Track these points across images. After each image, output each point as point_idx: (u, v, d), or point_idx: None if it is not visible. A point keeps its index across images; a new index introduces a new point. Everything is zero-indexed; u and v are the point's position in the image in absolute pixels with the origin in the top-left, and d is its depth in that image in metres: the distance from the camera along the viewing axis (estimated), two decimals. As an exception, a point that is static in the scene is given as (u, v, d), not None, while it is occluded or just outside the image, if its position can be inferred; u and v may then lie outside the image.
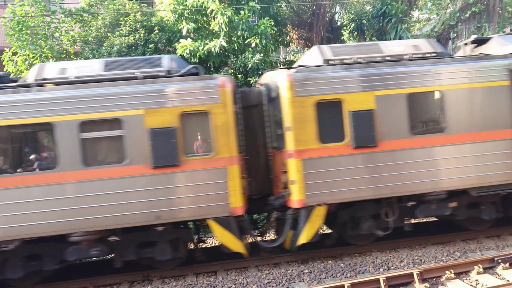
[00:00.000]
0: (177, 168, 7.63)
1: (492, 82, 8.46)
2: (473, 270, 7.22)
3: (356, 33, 16.47)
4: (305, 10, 16.01)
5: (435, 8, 18.43)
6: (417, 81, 8.28)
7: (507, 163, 8.44)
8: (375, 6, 15.82)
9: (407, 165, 8.17)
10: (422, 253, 8.47)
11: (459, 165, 8.33)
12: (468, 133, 8.38)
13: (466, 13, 16.71)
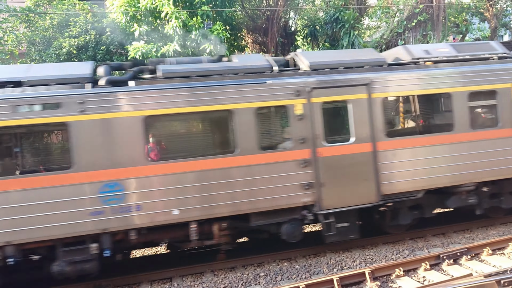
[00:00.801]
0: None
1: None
2: (420, 267, 7.54)
3: (310, 38, 16.82)
4: (259, 15, 16.17)
5: (384, 16, 19.16)
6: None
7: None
8: (328, 12, 16.25)
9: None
10: (374, 252, 8.74)
11: None
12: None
13: (412, 21, 17.51)
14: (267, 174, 7.96)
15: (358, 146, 8.48)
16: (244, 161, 7.86)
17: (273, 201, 8.01)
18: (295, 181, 8.12)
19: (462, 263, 7.69)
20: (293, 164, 8.13)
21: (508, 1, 22.95)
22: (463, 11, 21.60)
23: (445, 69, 9.13)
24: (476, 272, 7.20)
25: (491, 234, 9.26)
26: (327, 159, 8.27)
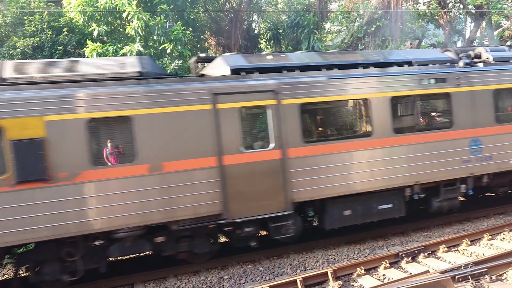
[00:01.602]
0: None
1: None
2: (381, 266, 7.73)
3: (272, 41, 16.96)
4: (223, 18, 16.15)
5: (344, 21, 19.59)
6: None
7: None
8: (290, 16, 16.45)
9: None
10: (336, 252, 8.89)
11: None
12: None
13: (372, 26, 17.99)
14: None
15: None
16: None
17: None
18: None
19: (419, 261, 7.94)
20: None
21: (460, 9, 24.05)
22: (419, 17, 22.45)
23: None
24: (432, 268, 7.44)
25: (446, 232, 9.63)
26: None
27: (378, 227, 9.91)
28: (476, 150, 9.71)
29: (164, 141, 7.57)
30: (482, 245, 8.53)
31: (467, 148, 9.64)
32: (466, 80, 9.68)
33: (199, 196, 7.73)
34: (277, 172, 8.18)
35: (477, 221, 10.32)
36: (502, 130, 9.97)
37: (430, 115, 10.23)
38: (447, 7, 23.29)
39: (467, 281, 6.53)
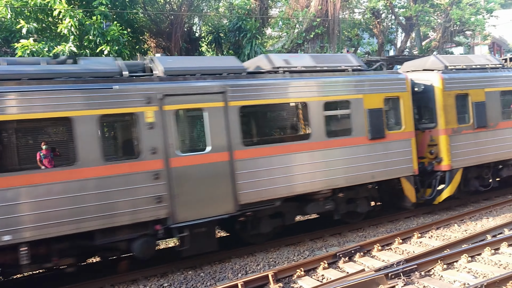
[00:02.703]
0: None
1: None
2: (319, 266, 7.91)
3: (214, 45, 16.90)
4: (163, 20, 15.84)
5: (285, 27, 19.99)
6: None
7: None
8: (231, 20, 16.49)
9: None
10: (277, 255, 8.99)
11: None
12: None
13: (311, 33, 18.50)
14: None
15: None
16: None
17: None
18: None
19: (356, 260, 8.23)
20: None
21: (392, 20, 25.45)
22: (355, 26, 23.48)
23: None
24: (368, 267, 7.74)
25: (380, 232, 10.07)
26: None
27: (317, 229, 10.16)
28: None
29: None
30: (412, 243, 9.01)
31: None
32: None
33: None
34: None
35: (407, 220, 10.90)
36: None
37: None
38: (380, 17, 24.56)
39: (399, 278, 6.87)
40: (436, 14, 25.83)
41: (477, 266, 7.27)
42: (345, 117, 9.82)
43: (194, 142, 8.78)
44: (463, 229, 9.65)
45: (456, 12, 23.92)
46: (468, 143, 11.25)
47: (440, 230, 9.64)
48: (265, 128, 9.75)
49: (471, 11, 25.66)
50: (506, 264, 7.28)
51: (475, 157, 11.40)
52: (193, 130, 8.93)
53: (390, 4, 23.73)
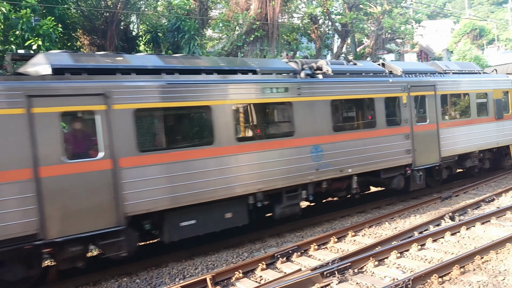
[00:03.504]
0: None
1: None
2: (258, 268, 7.96)
3: (152, 44, 16.50)
4: (97, 16, 15.20)
5: (225, 28, 19.98)
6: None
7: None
8: (170, 20, 16.19)
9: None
10: (215, 258, 8.92)
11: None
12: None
13: (250, 36, 18.65)
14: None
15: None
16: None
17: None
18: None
19: (293, 260, 8.37)
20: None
21: (329, 26, 26.32)
22: (294, 31, 24.00)
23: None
24: (304, 267, 7.90)
25: (317, 231, 10.34)
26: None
27: (256, 230, 10.22)
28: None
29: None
30: (347, 241, 9.34)
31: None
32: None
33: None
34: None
35: (343, 219, 11.28)
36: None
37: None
38: (318, 23, 25.29)
39: (334, 276, 7.08)
40: (369, 22, 27.11)
41: (405, 262, 7.68)
42: (484, 103, 14.45)
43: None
44: (393, 226, 10.16)
45: (387, 21, 25.25)
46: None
47: (373, 228, 10.07)
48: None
49: (401, 21, 27.22)
50: (430, 259, 7.76)
51: None
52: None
53: (327, 11, 24.53)
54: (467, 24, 59.89)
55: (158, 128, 8.65)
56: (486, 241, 8.36)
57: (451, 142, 12.83)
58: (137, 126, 7.83)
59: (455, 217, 10.32)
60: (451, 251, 8.07)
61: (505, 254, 7.55)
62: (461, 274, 6.80)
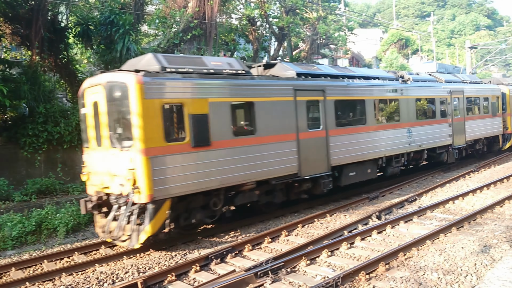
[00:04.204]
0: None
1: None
2: (191, 270, 7.82)
3: (82, 38, 15.68)
4: (21, 4, 14.15)
5: (161, 25, 19.50)
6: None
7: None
8: (103, 13, 15.48)
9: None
10: (147, 260, 8.64)
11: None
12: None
13: (188, 34, 18.37)
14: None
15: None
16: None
17: None
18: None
19: (227, 261, 8.34)
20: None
21: (266, 28, 26.66)
22: (232, 31, 24.00)
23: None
24: (239, 267, 7.90)
25: (251, 232, 10.39)
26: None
27: (189, 232, 10.05)
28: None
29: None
30: (280, 241, 9.48)
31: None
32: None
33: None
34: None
35: (277, 219, 11.45)
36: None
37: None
38: (256, 25, 25.51)
39: (267, 276, 7.14)
40: (305, 27, 27.85)
41: (335, 260, 7.94)
42: (487, 105, 19.98)
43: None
44: (324, 226, 10.48)
45: (322, 27, 26.10)
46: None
47: (305, 228, 10.32)
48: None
49: (335, 27, 28.25)
50: (359, 257, 8.10)
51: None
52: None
53: (265, 14, 24.82)
54: (394, 34, 63.69)
55: (343, 112, 12.98)
56: (408, 238, 8.89)
57: (471, 131, 18.50)
58: (336, 110, 12.30)
59: (381, 216, 10.87)
60: (377, 248, 8.48)
61: (425, 251, 8.07)
62: (386, 271, 7.16)
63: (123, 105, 8.59)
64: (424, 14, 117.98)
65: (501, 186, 13.74)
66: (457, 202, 12.00)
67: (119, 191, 8.72)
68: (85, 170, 9.80)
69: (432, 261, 7.47)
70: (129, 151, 8.41)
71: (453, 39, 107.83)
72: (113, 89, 8.79)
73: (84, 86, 9.79)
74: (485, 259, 7.35)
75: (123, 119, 8.69)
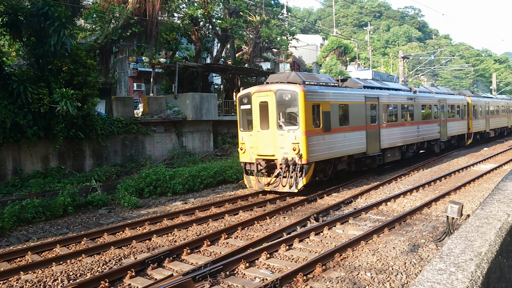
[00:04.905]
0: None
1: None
2: (126, 276, 7.51)
3: (10, 28, 14.62)
4: None
5: (99, 20, 18.68)
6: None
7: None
8: (35, 4, 14.54)
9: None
10: (78, 267, 8.18)
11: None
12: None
13: (127, 31, 17.74)
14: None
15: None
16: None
17: None
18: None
19: (165, 265, 8.11)
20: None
21: (209, 29, 26.48)
22: (174, 30, 23.54)
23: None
24: (176, 272, 7.70)
25: (190, 235, 10.20)
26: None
27: (122, 235, 9.68)
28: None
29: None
30: (220, 244, 9.40)
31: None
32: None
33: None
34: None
35: (215, 222, 11.35)
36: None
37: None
38: (199, 25, 25.25)
39: (206, 280, 7.03)
40: (248, 30, 28.01)
41: (274, 262, 8.00)
42: (459, 111, 26.22)
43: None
44: (264, 228, 10.54)
45: (265, 31, 26.38)
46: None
47: (245, 230, 10.32)
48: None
49: (277, 32, 28.69)
50: (297, 258, 8.22)
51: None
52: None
53: (208, 14, 24.65)
54: (334, 41, 66.01)
55: (387, 113, 18.22)
56: (344, 240, 9.18)
57: (450, 129, 24.57)
58: (383, 111, 17.72)
59: (319, 218, 11.13)
60: (315, 250, 8.65)
61: (359, 251, 8.37)
62: (323, 271, 7.32)
63: (291, 104, 13.59)
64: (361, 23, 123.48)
65: (428, 189, 14.61)
66: (390, 204, 12.59)
67: (283, 158, 13.37)
68: (243, 146, 14.54)
69: (366, 261, 7.75)
70: (294, 132, 13.31)
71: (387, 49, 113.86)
72: (283, 95, 13.60)
73: (251, 91, 14.45)
74: (414, 258, 7.75)
75: (290, 113, 13.69)
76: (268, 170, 13.89)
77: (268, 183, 13.72)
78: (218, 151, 23.13)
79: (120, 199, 13.90)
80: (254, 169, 14.04)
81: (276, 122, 13.55)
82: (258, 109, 14.04)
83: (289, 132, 13.28)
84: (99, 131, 16.76)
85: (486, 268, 1.93)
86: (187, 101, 21.56)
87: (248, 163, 14.33)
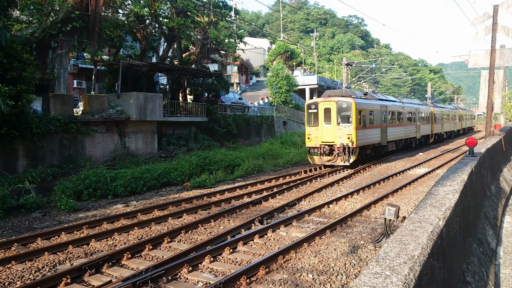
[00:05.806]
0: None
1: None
2: (61, 283, 7.12)
3: None
4: None
5: (36, 12, 17.67)
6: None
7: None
8: (-37, -9, 13.48)
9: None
10: (7, 275, 7.62)
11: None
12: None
13: (67, 26, 16.92)
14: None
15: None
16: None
17: None
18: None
19: (104, 271, 7.77)
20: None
21: (156, 28, 25.91)
22: (118, 27, 22.79)
23: None
24: (116, 278, 7.42)
25: (131, 239, 9.87)
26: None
27: (58, 240, 9.19)
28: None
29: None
30: (162, 248, 9.17)
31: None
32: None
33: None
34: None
35: (158, 225, 11.08)
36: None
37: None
38: (145, 23, 24.63)
39: (147, 285, 6.83)
40: (196, 30, 27.72)
41: (218, 266, 7.93)
42: (428, 117, 34.64)
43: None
44: (208, 231, 10.43)
45: (213, 32, 26.24)
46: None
47: (188, 234, 10.15)
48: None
49: (225, 34, 28.63)
50: (241, 261, 8.20)
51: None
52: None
53: (154, 12, 24.11)
54: (281, 45, 67.03)
55: (392, 116, 25.69)
56: (288, 242, 9.29)
57: (423, 130, 31.86)
58: (389, 116, 25.19)
59: (263, 220, 11.20)
60: (259, 252, 8.69)
61: (302, 253, 8.51)
62: (266, 274, 7.36)
63: (346, 110, 20.18)
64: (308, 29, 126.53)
65: (368, 192, 15.20)
66: (332, 206, 12.94)
67: (340, 144, 20.01)
68: (310, 136, 21.01)
69: (308, 262, 7.90)
70: (348, 128, 19.99)
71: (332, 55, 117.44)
72: (342, 104, 20.29)
73: (318, 101, 21.26)
74: (353, 259, 8.01)
75: (346, 116, 20.19)
76: (329, 152, 20.54)
77: (328, 159, 20.41)
78: (163, 153, 22.66)
79: (56, 202, 13.20)
80: (318, 151, 20.81)
81: (336, 121, 20.33)
82: (323, 112, 20.75)
83: (345, 127, 20.10)
84: (34, 130, 15.82)
85: (418, 270, 2.00)
86: (131, 101, 20.93)
87: (313, 147, 20.97)
